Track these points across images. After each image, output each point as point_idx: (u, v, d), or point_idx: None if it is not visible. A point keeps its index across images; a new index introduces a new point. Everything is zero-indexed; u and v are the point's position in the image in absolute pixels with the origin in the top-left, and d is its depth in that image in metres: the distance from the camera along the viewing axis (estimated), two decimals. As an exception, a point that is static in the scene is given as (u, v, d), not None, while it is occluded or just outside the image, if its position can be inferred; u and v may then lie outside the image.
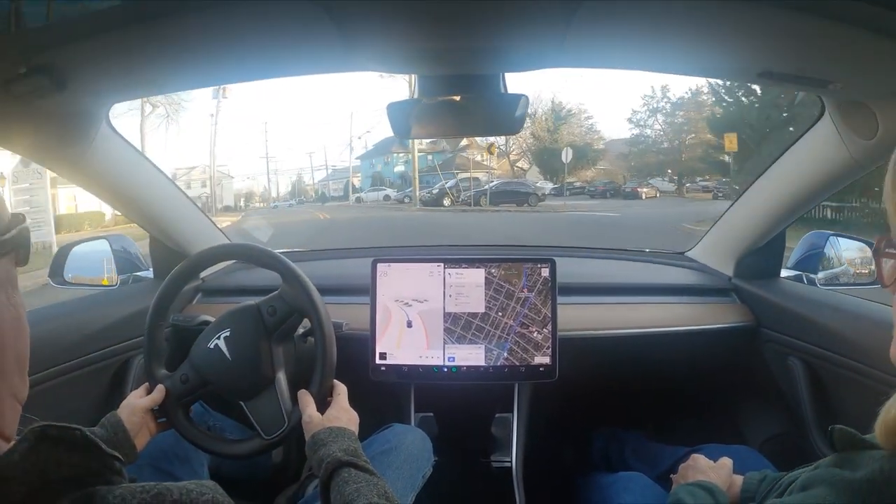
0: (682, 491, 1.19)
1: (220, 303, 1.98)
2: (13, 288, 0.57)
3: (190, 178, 66.87)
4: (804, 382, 1.62)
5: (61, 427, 0.50)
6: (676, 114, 32.35)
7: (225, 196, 66.80)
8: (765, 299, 1.81)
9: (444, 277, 1.70)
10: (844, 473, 0.85)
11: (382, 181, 45.84)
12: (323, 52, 1.04)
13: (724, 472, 1.28)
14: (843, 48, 0.96)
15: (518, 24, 0.93)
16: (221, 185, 67.17)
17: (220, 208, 63.60)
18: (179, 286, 1.44)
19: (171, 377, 1.35)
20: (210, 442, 1.35)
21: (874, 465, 0.81)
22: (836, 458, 0.92)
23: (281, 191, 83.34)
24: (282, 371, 1.33)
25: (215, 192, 60.85)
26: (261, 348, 1.32)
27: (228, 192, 68.25)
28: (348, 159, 53.40)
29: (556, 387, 1.69)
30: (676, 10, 0.88)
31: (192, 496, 0.53)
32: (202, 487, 0.55)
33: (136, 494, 0.50)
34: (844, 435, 0.91)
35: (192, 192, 66.43)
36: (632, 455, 1.88)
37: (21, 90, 1.01)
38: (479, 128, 1.36)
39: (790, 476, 1.09)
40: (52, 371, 1.49)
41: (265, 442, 1.30)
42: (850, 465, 0.86)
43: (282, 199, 76.88)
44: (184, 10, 0.86)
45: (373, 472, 1.05)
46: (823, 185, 1.54)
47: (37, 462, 0.47)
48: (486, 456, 1.82)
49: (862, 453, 0.85)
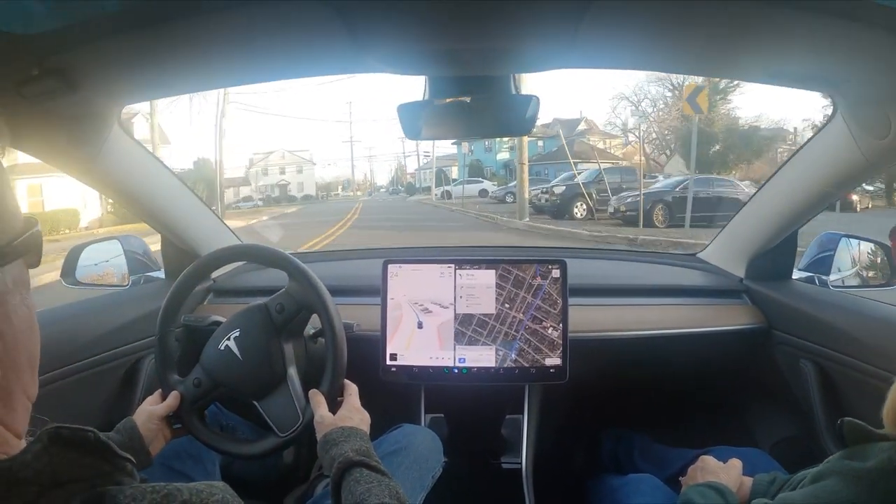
0: (692, 492, 1.19)
1: (232, 303, 1.98)
2: (26, 289, 0.58)
3: (267, 164, 66.18)
4: (815, 385, 1.61)
5: (74, 429, 0.51)
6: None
7: (306, 184, 65.68)
8: (776, 301, 1.80)
9: (454, 278, 1.70)
10: (854, 464, 0.87)
11: (481, 171, 40.63)
12: (333, 53, 1.04)
13: (734, 473, 1.27)
14: (854, 47, 0.95)
15: (529, 24, 0.93)
16: (302, 172, 66.34)
17: (300, 197, 60.87)
18: (191, 287, 1.45)
19: (184, 382, 1.36)
20: (226, 444, 1.36)
21: (883, 454, 0.83)
22: (846, 452, 0.93)
23: (379, 179, 79.13)
24: (293, 367, 1.33)
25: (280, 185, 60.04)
26: (270, 346, 1.32)
27: (310, 179, 66.96)
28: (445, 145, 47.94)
29: (567, 388, 1.68)
30: (687, 10, 0.88)
31: (203, 497, 0.53)
32: (212, 488, 0.56)
33: (146, 495, 0.50)
34: (854, 427, 0.91)
35: (270, 178, 63.70)
36: (641, 457, 1.87)
37: (34, 92, 1.02)
38: (490, 129, 1.36)
39: (800, 475, 1.09)
40: (64, 370, 1.50)
41: (281, 440, 1.30)
42: (860, 457, 0.88)
43: (371, 190, 73.20)
44: (195, 12, 0.87)
45: (384, 473, 1.05)
46: (835, 185, 1.53)
47: (49, 463, 0.48)
48: (496, 457, 1.82)
49: (872, 445, 0.87)
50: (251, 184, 63.16)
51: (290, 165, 67.12)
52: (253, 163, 67.72)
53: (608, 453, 2.03)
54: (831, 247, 1.85)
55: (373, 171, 79.62)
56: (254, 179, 64.98)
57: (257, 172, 65.90)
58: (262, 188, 63.76)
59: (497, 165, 40.73)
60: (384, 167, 63.19)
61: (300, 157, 68.29)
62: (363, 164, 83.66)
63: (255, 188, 62.51)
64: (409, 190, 53.74)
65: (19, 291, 0.57)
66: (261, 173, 66.52)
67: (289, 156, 68.08)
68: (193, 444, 1.40)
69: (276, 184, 66.26)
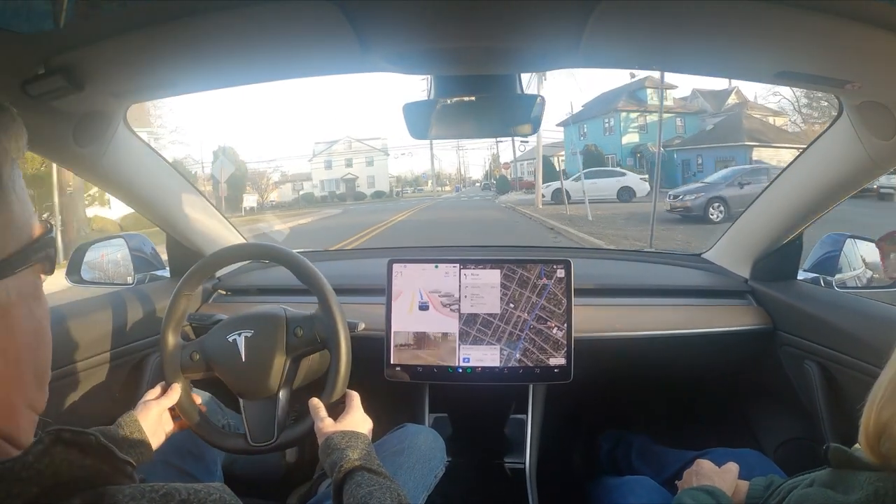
0: (685, 495, 1.19)
1: (237, 302, 1.99)
2: (36, 300, 0.57)
3: (331, 154, 57.05)
4: (820, 386, 1.61)
5: (76, 431, 0.50)
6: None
7: (378, 178, 56.32)
8: (781, 302, 1.80)
9: (459, 278, 1.70)
10: (837, 497, 0.83)
11: (601, 160, 28.13)
12: (339, 52, 1.04)
13: (729, 477, 1.27)
14: (861, 48, 0.95)
15: (535, 24, 0.93)
16: (373, 164, 56.74)
17: (370, 194, 51.71)
18: (196, 285, 1.45)
19: (183, 350, 1.37)
20: (201, 423, 1.36)
21: (868, 488, 0.79)
22: (831, 476, 0.90)
23: (473, 172, 67.73)
24: (286, 390, 1.35)
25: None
26: (275, 361, 1.33)
27: (382, 172, 57.09)
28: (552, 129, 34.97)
29: (571, 389, 1.68)
30: (693, 10, 0.87)
31: (200, 496, 0.53)
32: (209, 488, 0.56)
33: (145, 494, 0.50)
34: (839, 454, 0.89)
35: (334, 172, 55.65)
36: (639, 458, 1.87)
37: (39, 90, 1.02)
38: (496, 128, 1.36)
39: (790, 483, 1.08)
40: (69, 368, 1.51)
41: (248, 447, 1.32)
42: (843, 486, 0.84)
43: (459, 185, 61.67)
44: (201, 11, 0.87)
45: (386, 476, 1.06)
46: (841, 186, 1.52)
47: (50, 464, 0.47)
48: (499, 457, 1.82)
49: (857, 474, 0.83)
50: (312, 179, 58.24)
51: (358, 156, 57.72)
52: (315, 153, 59.22)
53: (606, 454, 2.04)
54: (836, 247, 1.84)
55: (465, 164, 68.31)
56: (315, 174, 58.00)
57: (320, 164, 57.98)
58: (325, 183, 56.96)
59: (622, 152, 30.33)
60: (478, 156, 56.14)
61: (370, 145, 59.09)
62: (450, 154, 71.64)
63: (318, 183, 57.57)
64: (501, 186, 42.92)
65: (26, 303, 0.55)
66: (322, 166, 58.34)
67: (357, 145, 59.62)
68: (195, 442, 1.41)
69: (341, 177, 57.83)
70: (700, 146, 25.14)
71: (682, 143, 25.48)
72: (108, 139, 1.43)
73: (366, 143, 59.08)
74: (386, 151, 58.51)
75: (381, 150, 58.35)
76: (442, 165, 67.30)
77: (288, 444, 1.35)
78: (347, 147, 58.21)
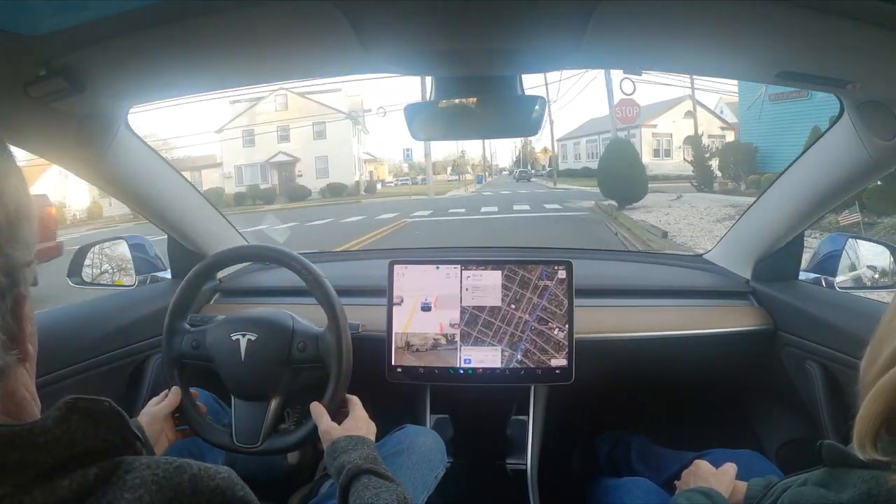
0: (681, 497, 1.18)
1: (238, 303, 1.99)
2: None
3: (254, 120, 37.23)
4: (822, 387, 1.60)
5: (90, 399, 0.52)
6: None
7: (337, 161, 38.06)
8: (783, 302, 1.79)
9: (461, 279, 1.70)
10: (829, 496, 0.83)
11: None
12: (340, 53, 1.05)
13: (727, 478, 1.27)
14: (862, 48, 0.95)
15: (536, 25, 0.93)
16: (328, 136, 37.55)
17: (317, 190, 35.61)
18: (197, 287, 1.45)
19: (185, 335, 1.39)
20: (192, 414, 1.37)
21: (862, 486, 0.78)
22: (825, 475, 0.89)
23: (501, 160, 56.52)
24: (278, 400, 1.35)
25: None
26: (273, 370, 1.34)
27: (345, 151, 37.86)
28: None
29: (572, 389, 1.68)
30: (694, 10, 0.87)
31: (210, 472, 0.55)
32: (219, 468, 0.57)
33: (160, 464, 0.52)
34: (833, 451, 0.88)
35: (258, 151, 37.21)
36: (638, 459, 1.87)
37: (40, 92, 1.02)
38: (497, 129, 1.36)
39: (784, 482, 1.08)
40: (70, 370, 1.51)
41: (231, 444, 1.33)
42: (837, 485, 0.83)
43: (481, 175, 47.82)
44: (202, 12, 0.87)
45: (392, 480, 1.08)
46: (842, 186, 1.52)
47: (67, 430, 0.49)
48: (500, 458, 1.82)
49: (851, 472, 0.83)
50: (222, 165, 38.97)
51: (301, 122, 35.87)
52: (228, 121, 37.78)
53: (606, 455, 2.03)
54: (838, 248, 1.84)
55: (492, 150, 53.08)
56: (228, 156, 38.24)
57: (233, 140, 37.17)
58: (243, 170, 38.02)
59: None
60: (507, 143, 45.44)
61: (324, 104, 37.04)
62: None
63: (230, 171, 38.40)
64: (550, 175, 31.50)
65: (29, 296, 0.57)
66: (242, 143, 37.61)
67: (300, 102, 36.86)
68: (197, 446, 1.41)
69: (269, 161, 37.41)
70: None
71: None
72: (109, 141, 1.43)
73: (316, 99, 36.84)
74: (355, 117, 37.62)
75: (347, 114, 36.98)
76: (464, 148, 53.18)
77: (272, 452, 1.36)
78: (283, 106, 36.60)
